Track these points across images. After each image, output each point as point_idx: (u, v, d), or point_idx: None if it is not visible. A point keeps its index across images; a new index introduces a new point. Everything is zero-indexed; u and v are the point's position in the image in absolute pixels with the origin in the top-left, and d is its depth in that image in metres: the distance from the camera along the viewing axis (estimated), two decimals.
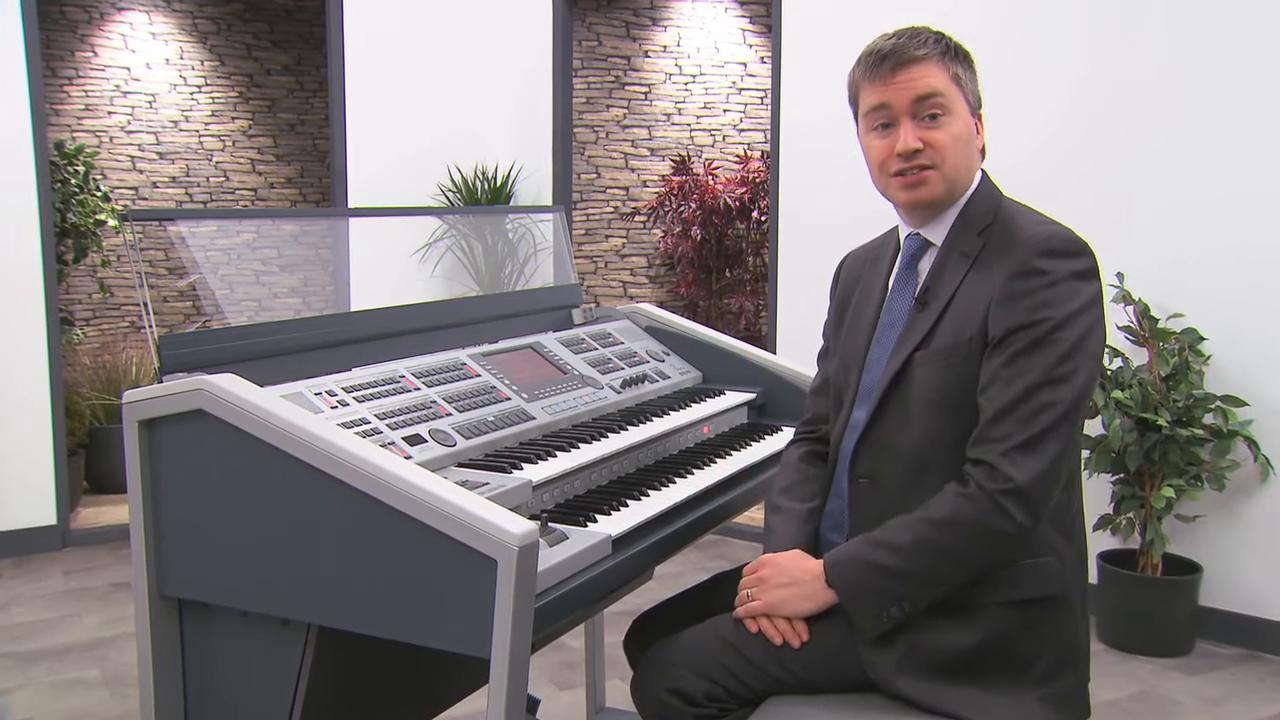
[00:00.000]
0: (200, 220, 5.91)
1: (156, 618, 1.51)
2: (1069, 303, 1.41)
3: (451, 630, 1.28)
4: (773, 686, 1.50)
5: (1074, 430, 1.41)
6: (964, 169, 1.52)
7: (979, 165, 1.57)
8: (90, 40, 6.45)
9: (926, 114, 1.49)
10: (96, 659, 3.22)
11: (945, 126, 1.49)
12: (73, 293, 6.41)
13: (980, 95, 1.56)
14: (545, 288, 2.43)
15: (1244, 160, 3.19)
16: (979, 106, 1.55)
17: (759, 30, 6.70)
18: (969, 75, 1.53)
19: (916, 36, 1.50)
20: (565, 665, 3.13)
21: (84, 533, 4.42)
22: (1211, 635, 3.31)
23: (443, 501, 1.26)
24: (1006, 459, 1.37)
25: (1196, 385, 3.20)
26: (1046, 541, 1.45)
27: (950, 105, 1.49)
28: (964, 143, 1.51)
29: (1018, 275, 1.42)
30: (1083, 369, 1.40)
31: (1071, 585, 1.47)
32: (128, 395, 1.48)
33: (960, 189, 1.54)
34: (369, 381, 1.69)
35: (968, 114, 1.52)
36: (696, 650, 1.55)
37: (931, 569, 1.41)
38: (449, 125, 5.26)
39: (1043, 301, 1.41)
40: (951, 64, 1.50)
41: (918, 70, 1.48)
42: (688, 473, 1.81)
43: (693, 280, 6.66)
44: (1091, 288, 1.44)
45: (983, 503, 1.38)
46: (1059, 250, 1.43)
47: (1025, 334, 1.40)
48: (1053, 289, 1.41)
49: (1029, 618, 1.44)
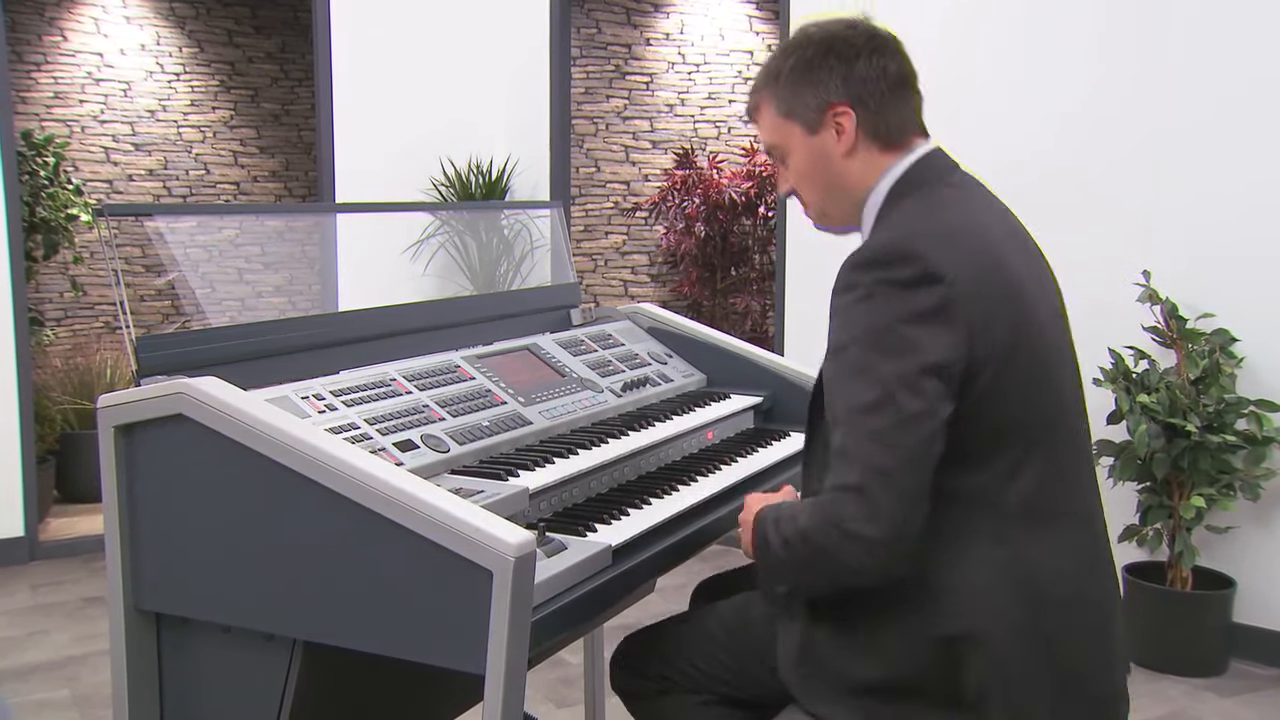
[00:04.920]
0: (179, 215, 5.93)
1: (132, 633, 1.52)
2: (861, 317, 1.36)
3: (444, 645, 1.29)
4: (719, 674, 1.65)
5: (915, 447, 1.30)
6: (828, 192, 1.53)
7: (859, 169, 1.50)
8: (59, 24, 6.45)
9: (778, 160, 1.58)
10: (66, 678, 3.23)
11: (791, 166, 1.55)
12: (43, 291, 6.41)
13: (827, 95, 1.48)
14: (542, 287, 2.44)
15: (1277, 148, 3.19)
16: (823, 107, 1.48)
17: (765, 17, 6.71)
18: (801, 85, 1.50)
19: (754, 80, 1.58)
20: (563, 682, 3.14)
21: (54, 544, 4.42)
22: (1246, 654, 3.31)
23: (435, 510, 1.27)
24: (834, 502, 1.33)
25: (1228, 389, 3.20)
26: (947, 567, 1.38)
27: (786, 145, 1.54)
28: (810, 173, 1.53)
29: (834, 294, 1.41)
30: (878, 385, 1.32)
31: (988, 620, 1.37)
32: (103, 399, 1.48)
33: (845, 207, 1.54)
34: (358, 385, 1.70)
35: (803, 140, 1.51)
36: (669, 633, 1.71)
37: (800, 576, 1.43)
38: (441, 116, 5.26)
39: (846, 321, 1.38)
40: (777, 93, 1.53)
41: (759, 123, 1.57)
42: (691, 480, 1.82)
43: (696, 279, 6.66)
44: (913, 295, 1.33)
45: (831, 535, 1.33)
46: (866, 261, 1.37)
47: (834, 358, 1.39)
48: (863, 302, 1.36)
49: (940, 654, 1.37)
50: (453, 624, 1.27)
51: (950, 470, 1.34)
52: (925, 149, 1.51)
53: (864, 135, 1.49)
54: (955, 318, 1.33)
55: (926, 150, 1.51)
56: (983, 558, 1.38)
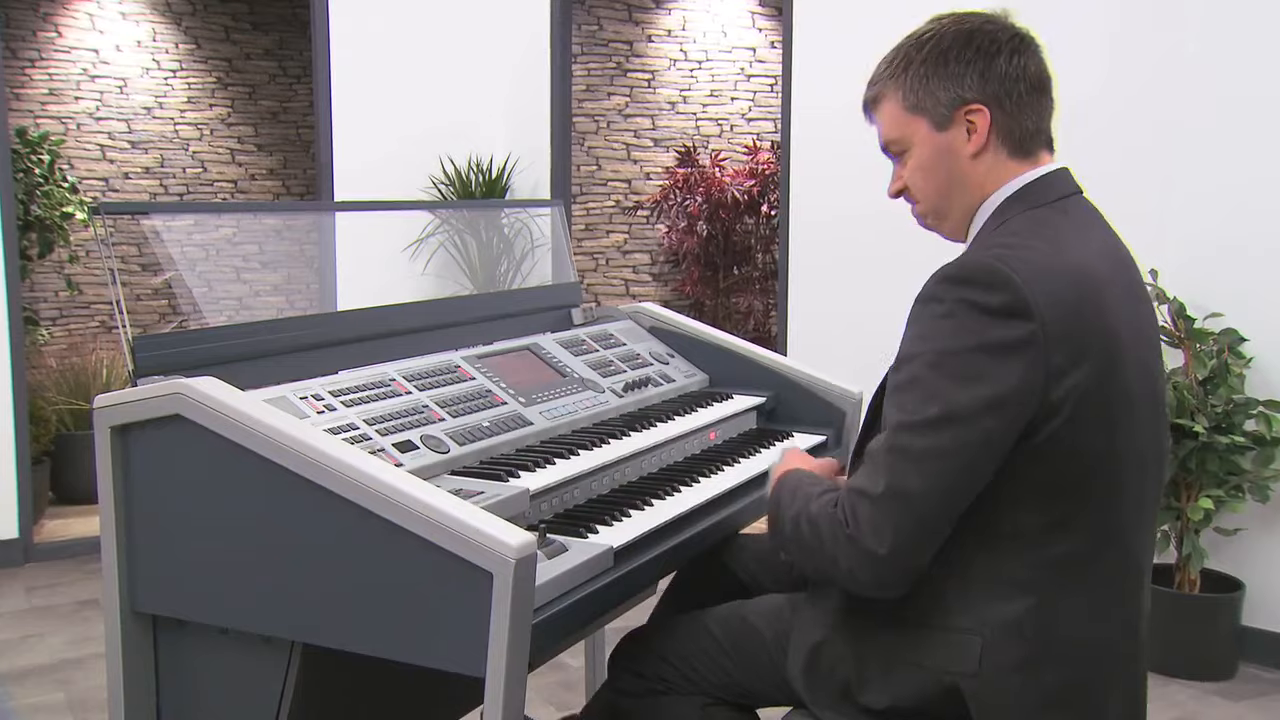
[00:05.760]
0: (176, 214, 5.94)
1: (129, 636, 1.52)
2: (937, 333, 1.31)
3: (444, 648, 1.29)
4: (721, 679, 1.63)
5: (949, 478, 1.28)
6: (945, 193, 1.46)
7: (983, 172, 1.44)
8: (54, 19, 6.45)
9: (894, 155, 1.51)
10: (60, 682, 3.23)
11: (909, 162, 1.48)
12: (38, 290, 6.42)
13: (962, 91, 1.42)
14: (543, 286, 2.45)
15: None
16: (956, 104, 1.42)
17: (769, 13, 6.72)
18: (935, 79, 1.43)
19: (874, 71, 1.51)
20: (564, 685, 3.14)
21: (49, 546, 4.42)
22: (1256, 658, 3.31)
23: (435, 511, 1.27)
24: (850, 503, 1.32)
25: (1237, 389, 3.20)
26: (966, 610, 1.35)
27: (908, 140, 1.46)
28: (930, 169, 1.46)
29: (916, 301, 1.36)
30: (950, 415, 1.28)
31: (1001, 664, 1.34)
32: (99, 400, 1.48)
33: (959, 211, 1.47)
34: (357, 385, 1.70)
35: (929, 135, 1.44)
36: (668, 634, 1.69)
37: (798, 554, 1.44)
38: (441, 114, 5.27)
39: (921, 332, 1.33)
40: (905, 85, 1.45)
41: (878, 116, 1.50)
42: (694, 481, 1.82)
43: (698, 278, 6.67)
44: (997, 324, 1.28)
45: (838, 534, 1.33)
46: (956, 277, 1.32)
47: (899, 368, 1.35)
48: (943, 319, 1.30)
49: (947, 694, 1.36)
50: (453, 626, 1.27)
51: (998, 511, 1.32)
52: (1052, 166, 1.46)
53: (995, 138, 1.42)
54: (1036, 358, 1.27)
55: (1053, 168, 1.46)
56: (1006, 606, 1.34)
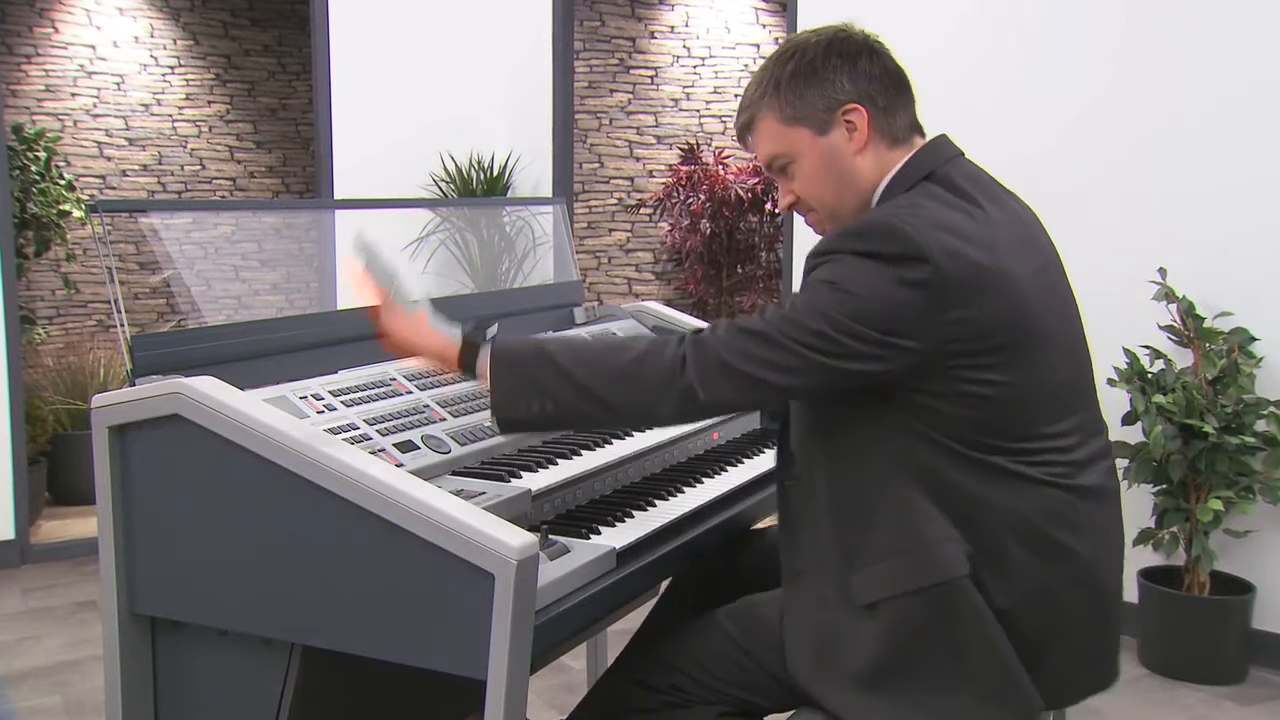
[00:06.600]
0: (174, 212, 5.94)
1: (127, 638, 1.52)
2: (852, 273, 1.39)
3: (445, 650, 1.29)
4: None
5: (774, 374, 1.39)
6: (839, 193, 1.53)
7: (869, 165, 1.52)
8: (50, 15, 6.46)
9: (779, 171, 1.57)
10: (57, 684, 3.23)
11: (798, 175, 1.54)
12: (34, 289, 6.43)
13: (836, 94, 1.49)
14: (545, 285, 2.45)
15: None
16: (833, 107, 1.50)
17: (772, 9, 6.72)
18: (808, 89, 1.50)
19: (743, 97, 1.57)
20: (566, 688, 3.14)
21: (45, 548, 4.43)
22: (1267, 662, 3.30)
23: (436, 512, 1.27)
24: (697, 359, 1.42)
25: (1247, 389, 3.20)
26: (943, 526, 1.43)
27: (793, 151, 1.53)
28: (820, 174, 1.53)
29: (810, 255, 1.46)
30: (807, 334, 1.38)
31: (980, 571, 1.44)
32: (97, 399, 1.49)
33: (854, 207, 1.53)
34: (357, 384, 1.70)
35: (812, 142, 1.51)
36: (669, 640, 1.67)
37: (596, 385, 1.46)
38: (442, 111, 5.27)
39: (824, 276, 1.42)
40: (780, 100, 1.52)
41: (755, 137, 1.57)
42: (697, 481, 1.82)
43: (701, 277, 6.67)
44: (894, 267, 1.36)
45: (673, 375, 1.42)
46: (852, 232, 1.42)
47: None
48: (840, 266, 1.40)
49: (935, 608, 1.43)
50: (454, 628, 1.28)
51: (937, 457, 1.40)
52: (928, 140, 1.55)
53: (875, 132, 1.50)
54: (934, 296, 1.35)
55: (929, 139, 1.54)
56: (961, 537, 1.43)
